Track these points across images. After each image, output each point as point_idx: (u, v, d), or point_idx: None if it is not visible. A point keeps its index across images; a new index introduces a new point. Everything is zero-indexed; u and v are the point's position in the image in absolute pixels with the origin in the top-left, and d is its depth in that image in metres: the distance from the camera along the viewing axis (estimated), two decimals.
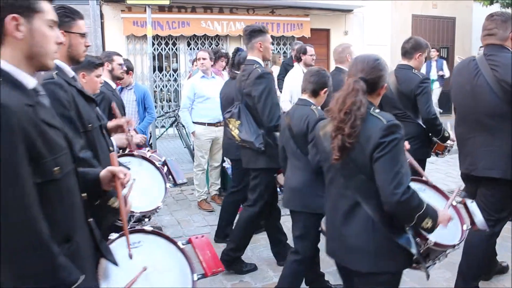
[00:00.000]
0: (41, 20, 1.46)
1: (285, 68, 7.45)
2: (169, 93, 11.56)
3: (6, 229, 1.30)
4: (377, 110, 2.21)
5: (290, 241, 3.76)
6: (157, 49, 11.13)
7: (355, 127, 2.11)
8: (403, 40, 4.23)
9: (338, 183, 2.29)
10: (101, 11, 10.31)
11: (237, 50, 4.64)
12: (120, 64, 4.73)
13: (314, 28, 12.38)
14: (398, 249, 2.19)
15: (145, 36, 9.30)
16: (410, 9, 13.86)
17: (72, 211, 1.58)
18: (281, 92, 6.04)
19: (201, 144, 5.80)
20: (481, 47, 3.53)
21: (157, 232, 2.16)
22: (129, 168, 2.42)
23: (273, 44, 12.59)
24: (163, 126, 10.26)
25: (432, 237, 2.23)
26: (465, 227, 2.61)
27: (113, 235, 2.02)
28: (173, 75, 11.50)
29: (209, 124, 5.72)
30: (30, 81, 1.48)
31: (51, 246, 1.39)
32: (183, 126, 7.49)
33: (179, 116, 7.77)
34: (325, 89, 3.29)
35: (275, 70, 8.24)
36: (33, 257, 1.35)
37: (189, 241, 2.24)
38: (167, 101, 11.61)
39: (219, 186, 6.21)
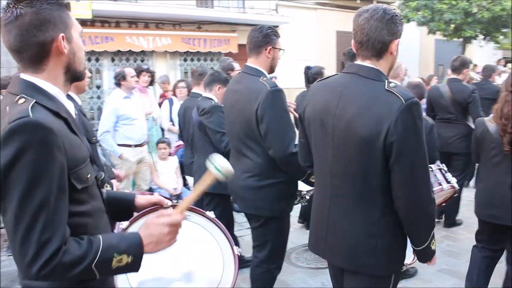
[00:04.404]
0: None
1: None
2: (92, 111, 11.01)
3: None
4: None
5: None
6: None
7: None
8: (328, 54, 4.47)
9: (505, 164, 2.99)
10: None
11: (308, 68, 5.24)
12: None
13: (241, 44, 12.40)
14: None
15: None
16: (334, 26, 14.34)
17: None
18: None
19: (128, 166, 5.34)
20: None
21: None
22: None
23: (199, 60, 12.58)
24: None
25: None
26: None
27: None
28: (96, 92, 11.03)
29: (136, 146, 5.33)
30: None
31: None
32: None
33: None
34: (423, 99, 4.21)
35: None
36: None
37: None
38: (90, 119, 11.05)
39: None
